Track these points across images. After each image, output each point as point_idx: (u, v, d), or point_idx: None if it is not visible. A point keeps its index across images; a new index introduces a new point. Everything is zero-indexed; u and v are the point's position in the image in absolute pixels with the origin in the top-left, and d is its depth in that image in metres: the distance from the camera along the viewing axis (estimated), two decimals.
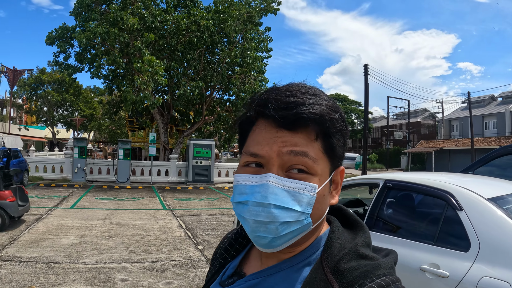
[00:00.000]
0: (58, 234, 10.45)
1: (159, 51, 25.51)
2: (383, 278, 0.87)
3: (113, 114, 42.70)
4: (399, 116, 70.16)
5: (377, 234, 4.30)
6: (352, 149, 79.55)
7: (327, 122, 0.92)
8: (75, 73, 28.03)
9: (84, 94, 62.84)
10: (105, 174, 25.07)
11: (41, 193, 18.42)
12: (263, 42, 28.75)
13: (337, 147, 0.97)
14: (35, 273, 7.24)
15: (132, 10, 22.80)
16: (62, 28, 25.78)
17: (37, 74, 54.17)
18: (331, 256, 0.93)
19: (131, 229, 11.29)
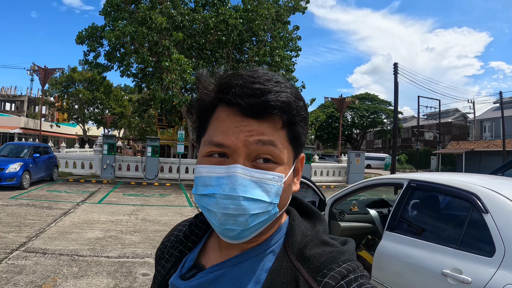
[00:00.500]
0: (84, 228, 10.61)
1: (188, 50, 25.64)
2: (348, 263, 0.89)
3: (143, 112, 43.16)
4: (430, 116, 69.05)
5: (399, 236, 4.24)
6: (382, 150, 78.65)
7: (293, 110, 0.91)
8: (104, 71, 28.49)
9: (115, 92, 63.66)
10: (133, 171, 25.30)
11: (69, 188, 18.77)
12: (291, 41, 28.63)
13: (301, 135, 0.95)
14: (59, 265, 7.36)
15: (160, 10, 22.99)
16: (91, 27, 26.21)
17: (69, 73, 55.18)
18: (295, 244, 0.94)
19: (156, 225, 11.37)
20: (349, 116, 70.04)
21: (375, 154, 60.64)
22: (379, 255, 4.38)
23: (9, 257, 7.70)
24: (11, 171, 16.83)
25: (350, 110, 67.53)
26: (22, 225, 10.47)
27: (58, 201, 14.68)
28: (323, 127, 66.26)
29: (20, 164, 17.37)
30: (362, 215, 6.09)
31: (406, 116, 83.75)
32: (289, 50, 28.61)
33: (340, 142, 38.74)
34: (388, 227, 4.46)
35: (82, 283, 6.53)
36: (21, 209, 12.84)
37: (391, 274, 4.24)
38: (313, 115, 31.98)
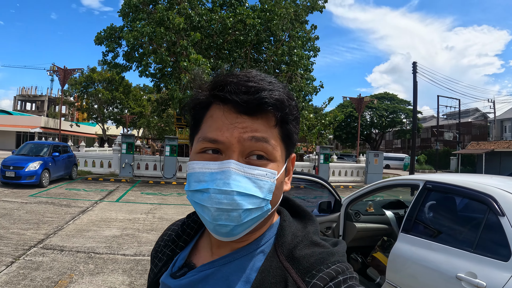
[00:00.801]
0: (102, 226, 10.71)
1: (206, 50, 25.65)
2: (338, 265, 0.89)
3: (161, 112, 43.27)
4: (449, 116, 68.26)
5: (414, 238, 4.20)
6: (401, 150, 77.94)
7: (287, 108, 0.92)
8: (123, 71, 28.71)
9: (134, 92, 64.16)
10: (151, 170, 25.38)
11: (88, 187, 18.94)
12: (309, 41, 28.52)
13: (293, 134, 0.97)
14: (75, 262, 7.45)
15: (178, 10, 23.05)
16: (110, 28, 26.44)
17: (88, 73, 55.74)
18: (285, 244, 0.94)
19: None
20: (368, 116, 69.53)
21: (394, 154, 60.10)
22: (394, 257, 4.34)
23: (27, 253, 7.82)
24: (30, 169, 17.06)
25: (369, 109, 67.11)
26: (41, 223, 10.61)
27: (77, 199, 14.84)
28: (342, 127, 65.93)
29: (39, 162, 17.61)
30: (378, 216, 6.02)
31: (426, 116, 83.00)
32: (307, 50, 28.49)
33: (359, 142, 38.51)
34: (403, 228, 4.42)
35: (98, 280, 6.59)
36: (40, 206, 13.00)
37: (405, 277, 4.20)
38: (331, 115, 31.78)
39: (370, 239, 5.84)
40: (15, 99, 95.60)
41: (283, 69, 25.48)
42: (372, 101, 45.09)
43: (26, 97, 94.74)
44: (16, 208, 12.51)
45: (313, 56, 29.16)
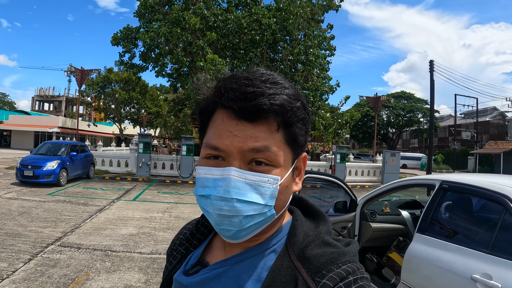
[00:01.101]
0: (118, 224, 10.81)
1: (222, 50, 25.67)
2: (348, 265, 0.89)
3: (178, 112, 43.54)
4: (467, 115, 67.45)
5: (430, 238, 4.17)
6: (418, 149, 77.24)
7: (288, 112, 0.91)
8: (140, 72, 28.86)
9: (150, 92, 64.49)
10: (168, 169, 25.48)
11: (105, 186, 19.11)
12: (325, 40, 28.39)
13: (299, 136, 0.95)
14: (92, 259, 7.53)
15: (194, 10, 23.11)
16: (126, 29, 26.58)
17: (105, 74, 56.10)
18: (296, 244, 0.94)
19: None
20: (385, 115, 69.00)
21: (411, 154, 59.58)
22: (409, 257, 4.31)
23: (44, 251, 7.93)
24: (48, 168, 17.26)
25: (386, 109, 66.62)
26: (58, 221, 10.73)
27: (94, 198, 14.98)
28: (358, 126, 65.66)
29: (57, 162, 17.80)
30: (394, 216, 5.99)
31: (443, 115, 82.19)
32: (323, 49, 28.37)
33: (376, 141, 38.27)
34: (419, 229, 4.38)
35: (114, 277, 6.65)
36: (58, 205, 13.14)
37: (420, 278, 4.16)
38: (348, 114, 31.65)
39: (386, 239, 5.81)
40: (33, 100, 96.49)
41: (299, 68, 25.36)
42: (389, 100, 44.73)
43: (44, 97, 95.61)
44: (34, 206, 12.65)
45: (330, 55, 29.02)
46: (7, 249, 7.88)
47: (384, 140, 75.77)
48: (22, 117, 63.97)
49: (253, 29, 23.92)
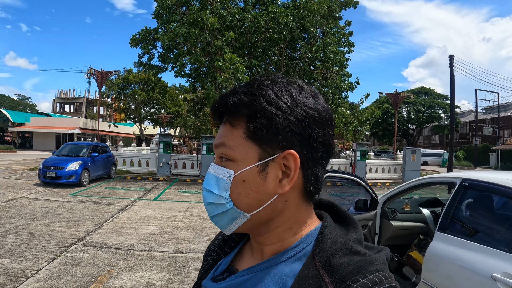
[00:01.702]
0: (140, 224, 10.91)
1: (240, 49, 25.70)
2: (375, 274, 0.86)
3: (198, 111, 43.72)
4: (488, 110, 66.45)
5: (450, 237, 4.12)
6: (439, 145, 76.69)
7: (241, 109, 0.95)
8: (159, 72, 29.17)
9: (170, 92, 64.82)
10: (189, 169, 25.59)
11: (127, 186, 19.30)
12: (344, 37, 28.26)
13: (257, 130, 0.94)
14: (115, 258, 7.62)
15: (211, 10, 23.19)
16: (144, 30, 26.84)
17: (124, 75, 56.58)
18: (323, 251, 0.92)
19: (210, 222, 11.37)
20: (405, 112, 68.54)
21: (432, 151, 59.14)
22: (430, 256, 4.27)
23: (67, 250, 8.04)
24: (70, 169, 17.47)
25: (406, 105, 66.17)
26: (81, 221, 10.86)
27: (116, 198, 15.13)
28: (378, 123, 65.16)
29: (79, 162, 18.01)
30: (415, 214, 5.93)
31: (464, 111, 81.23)
32: (342, 46, 28.24)
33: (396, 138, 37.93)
34: (440, 227, 4.34)
35: (137, 276, 6.71)
36: (80, 205, 13.30)
37: (440, 276, 4.13)
38: (368, 112, 31.48)
39: (407, 238, 5.76)
40: (54, 102, 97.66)
41: (318, 66, 25.25)
42: (409, 96, 44.40)
43: (65, 99, 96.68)
44: (57, 206, 12.81)
45: (348, 52, 28.90)
46: (31, 249, 8.00)
47: (404, 137, 75.27)
48: (44, 119, 64.76)
49: (271, 27, 23.91)
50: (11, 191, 15.47)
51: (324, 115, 0.96)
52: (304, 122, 0.93)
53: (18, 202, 13.26)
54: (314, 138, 0.94)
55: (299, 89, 0.98)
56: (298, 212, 0.99)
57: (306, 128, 0.93)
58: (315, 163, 0.96)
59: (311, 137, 0.93)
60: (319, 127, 0.94)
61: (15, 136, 67.85)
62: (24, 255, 7.57)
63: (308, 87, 1.01)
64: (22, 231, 9.47)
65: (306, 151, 0.94)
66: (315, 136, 0.94)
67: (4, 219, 10.62)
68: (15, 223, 10.21)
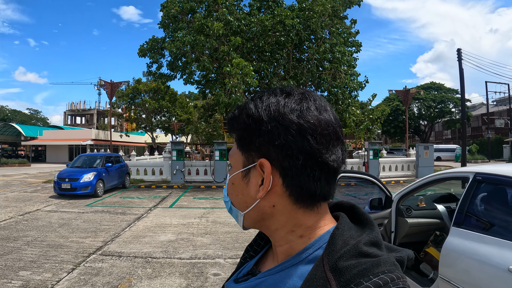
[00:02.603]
0: (157, 231, 10.98)
1: (248, 54, 25.68)
2: (381, 276, 0.85)
3: (209, 117, 43.73)
4: (499, 102, 65.85)
5: (466, 232, 4.11)
6: (451, 140, 76.06)
7: (234, 123, 1.06)
8: (168, 81, 29.19)
9: (180, 100, 64.98)
10: (202, 175, 25.63)
11: (141, 194, 19.41)
12: (350, 36, 28.18)
13: (240, 141, 1.04)
14: (133, 266, 7.69)
15: (217, 17, 23.26)
16: (152, 40, 26.94)
17: (134, 85, 56.89)
18: (332, 253, 0.92)
19: (226, 227, 11.53)
20: (416, 108, 68.10)
21: (444, 146, 58.77)
22: (446, 251, 4.27)
23: (86, 260, 8.14)
24: (85, 180, 17.63)
25: (416, 101, 65.76)
26: (98, 231, 10.96)
27: (131, 207, 15.23)
28: (389, 121, 64.83)
29: (93, 173, 18.16)
30: (430, 210, 5.91)
31: (475, 104, 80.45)
32: (349, 45, 28.16)
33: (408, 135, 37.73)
34: (455, 222, 4.33)
35: (156, 283, 6.76)
36: (97, 215, 13.40)
37: (457, 271, 4.12)
38: (379, 109, 31.35)
39: (423, 234, 5.75)
40: (65, 114, 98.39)
41: (326, 66, 25.19)
42: (419, 92, 44.11)
43: (75, 111, 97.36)
44: (74, 218, 12.93)
45: (356, 51, 28.82)
46: (50, 260, 8.10)
47: (416, 133, 74.91)
48: (56, 132, 65.37)
49: (278, 30, 23.89)
50: (27, 204, 15.64)
51: (301, 124, 0.95)
52: (277, 131, 0.95)
53: (35, 215, 13.39)
54: (288, 146, 0.94)
55: (283, 99, 0.99)
56: (295, 217, 1.00)
57: (278, 138, 0.95)
58: (297, 172, 0.95)
59: (284, 146, 0.94)
60: (294, 136, 0.94)
61: (28, 150, 68.38)
62: (44, 266, 7.66)
63: (299, 95, 1.01)
64: (40, 243, 9.59)
65: (283, 160, 0.95)
66: (289, 145, 0.94)
67: (22, 232, 10.75)
68: (33, 236, 10.34)
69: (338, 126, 1.01)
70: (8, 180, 27.02)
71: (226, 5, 24.31)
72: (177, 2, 25.07)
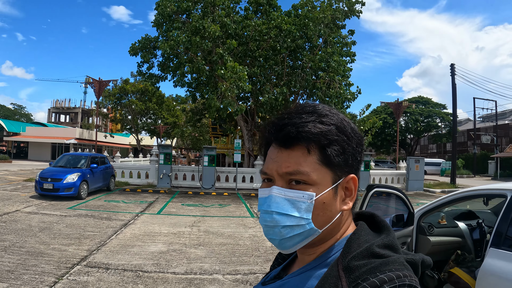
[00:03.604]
0: (146, 241, 10.29)
1: (241, 58, 25.40)
2: (388, 274, 0.89)
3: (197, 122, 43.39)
4: (485, 118, 67.17)
5: (506, 253, 3.84)
6: (436, 154, 76.95)
7: (317, 137, 1.03)
8: (158, 82, 28.58)
9: (167, 102, 64.64)
10: (189, 180, 25.20)
11: (127, 198, 18.71)
12: (346, 46, 27.90)
13: (333, 157, 1.04)
14: (123, 281, 6.99)
15: (213, 18, 22.82)
16: (144, 39, 26.55)
17: (121, 85, 56.48)
18: (346, 255, 0.98)
19: (220, 238, 10.88)
20: (403, 121, 68.56)
21: (430, 160, 58.74)
22: (484, 275, 3.97)
23: (70, 272, 7.40)
24: (69, 181, 16.91)
25: (404, 115, 66.09)
26: (82, 237, 10.24)
27: (117, 212, 14.51)
28: (377, 134, 64.89)
29: (77, 174, 17.43)
30: (451, 228, 5.64)
31: (461, 119, 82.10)
32: (344, 55, 27.83)
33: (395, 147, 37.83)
34: (493, 243, 4.05)
35: None
36: (80, 220, 12.69)
37: None
38: (370, 121, 31.20)
39: (445, 253, 5.47)
40: (49, 112, 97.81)
41: (321, 75, 24.74)
42: (411, 106, 44.17)
43: (60, 109, 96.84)
44: (56, 221, 12.18)
45: (350, 62, 28.51)
46: (29, 271, 7.33)
47: (402, 146, 75.37)
48: (39, 129, 64.68)
49: (273, 35, 23.46)
50: (6, 204, 14.88)
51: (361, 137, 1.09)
52: (359, 147, 1.08)
53: (14, 216, 12.63)
54: (359, 159, 1.10)
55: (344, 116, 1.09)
56: (346, 223, 1.11)
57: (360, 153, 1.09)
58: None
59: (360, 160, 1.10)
60: (362, 149, 1.09)
61: (10, 145, 67.56)
62: (22, 278, 6.89)
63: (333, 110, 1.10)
64: (19, 249, 8.81)
65: (356, 171, 1.09)
66: (360, 158, 1.10)
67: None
68: (11, 240, 9.56)
69: None
70: None
71: (222, 7, 23.86)
72: (173, 1, 24.53)
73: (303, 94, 27.28)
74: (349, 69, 27.22)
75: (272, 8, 26.77)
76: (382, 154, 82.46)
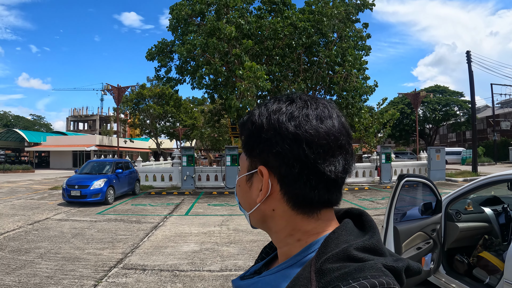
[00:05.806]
0: (178, 241, 10.44)
1: (257, 57, 25.45)
2: (361, 282, 0.81)
3: (216, 122, 43.55)
4: (504, 104, 66.21)
5: None
6: (456, 143, 76.06)
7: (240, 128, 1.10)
8: (176, 85, 28.79)
9: (184, 105, 64.80)
10: (213, 181, 25.34)
11: (153, 201, 18.88)
12: (361, 39, 27.78)
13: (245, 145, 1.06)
14: (161, 281, 7.15)
15: (227, 19, 22.95)
16: (161, 43, 26.79)
17: (138, 90, 56.75)
18: (321, 255, 0.92)
19: (250, 235, 10.99)
20: (420, 111, 67.88)
21: (450, 149, 58.22)
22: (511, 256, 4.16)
23: (108, 275, 7.58)
24: (95, 187, 17.15)
25: (421, 104, 65.50)
26: (115, 241, 10.42)
27: (145, 215, 14.71)
28: (395, 125, 64.47)
29: (104, 180, 17.67)
30: (477, 214, 5.81)
31: (479, 106, 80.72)
32: (359, 49, 27.75)
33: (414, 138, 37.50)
34: None
35: None
36: (110, 224, 12.88)
37: None
38: (389, 113, 31.08)
39: (470, 239, 5.67)
40: (68, 120, 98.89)
41: (337, 70, 24.72)
42: (428, 95, 43.80)
43: (78, 117, 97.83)
44: (87, 227, 12.40)
45: (365, 55, 28.40)
46: (68, 275, 7.51)
47: (421, 136, 74.65)
48: (59, 138, 65.45)
49: (289, 33, 23.49)
50: (35, 213, 15.14)
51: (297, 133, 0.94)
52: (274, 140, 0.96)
53: (45, 224, 12.86)
54: (284, 155, 0.95)
55: (285, 106, 1.00)
56: (293, 221, 1.01)
57: (275, 146, 0.96)
58: (294, 180, 0.96)
59: (281, 154, 0.95)
60: (290, 144, 0.94)
61: (31, 156, 68.44)
62: (62, 283, 7.07)
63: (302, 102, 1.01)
64: (54, 255, 9.01)
65: (280, 168, 0.96)
66: (285, 154, 0.95)
67: (34, 243, 10.20)
68: (46, 247, 9.77)
69: (343, 134, 0.99)
70: (13, 186, 26.55)
71: (236, 8, 23.95)
72: (187, 4, 24.66)
73: (321, 89, 27.27)
74: (365, 62, 27.08)
75: (286, 6, 26.81)
76: (401, 145, 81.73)
